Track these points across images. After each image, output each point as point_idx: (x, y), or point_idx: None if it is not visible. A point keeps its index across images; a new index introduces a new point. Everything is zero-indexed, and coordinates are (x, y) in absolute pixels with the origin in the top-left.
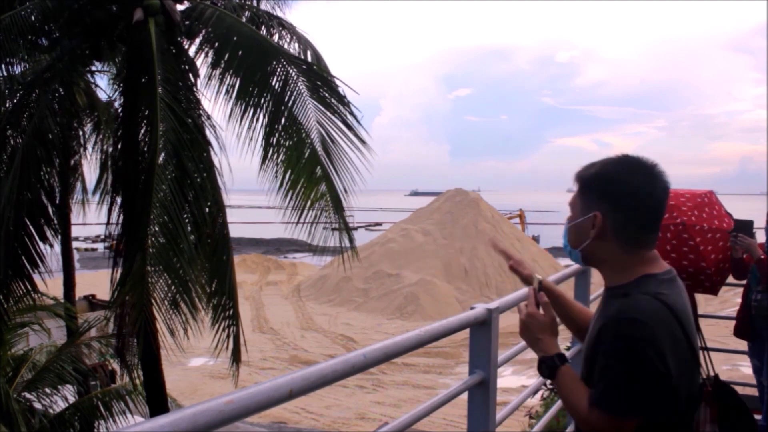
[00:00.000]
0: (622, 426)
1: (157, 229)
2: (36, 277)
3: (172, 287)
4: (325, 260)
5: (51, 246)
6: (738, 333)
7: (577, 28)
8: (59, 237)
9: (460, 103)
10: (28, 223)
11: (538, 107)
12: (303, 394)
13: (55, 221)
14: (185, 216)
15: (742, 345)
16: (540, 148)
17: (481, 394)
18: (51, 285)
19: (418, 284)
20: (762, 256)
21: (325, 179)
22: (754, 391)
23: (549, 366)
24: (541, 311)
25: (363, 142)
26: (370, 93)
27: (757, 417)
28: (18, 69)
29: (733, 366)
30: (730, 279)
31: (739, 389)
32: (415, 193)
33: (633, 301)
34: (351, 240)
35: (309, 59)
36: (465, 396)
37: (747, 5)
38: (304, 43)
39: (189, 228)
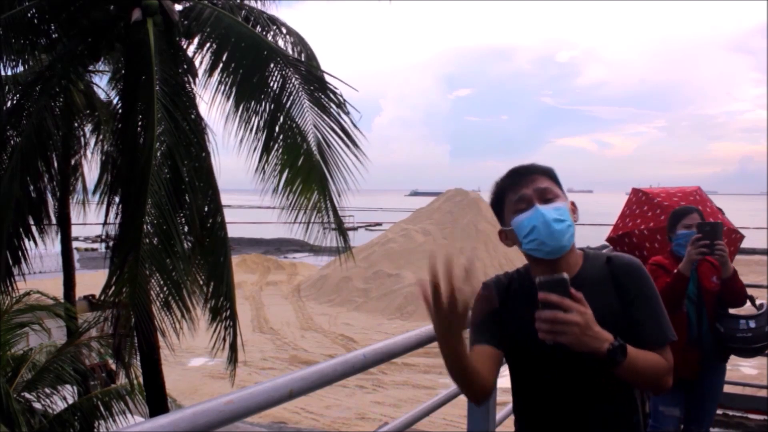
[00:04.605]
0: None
1: (150, 229)
2: (35, 277)
3: (165, 288)
4: (325, 260)
5: (36, 244)
6: (679, 384)
7: (577, 28)
8: (59, 236)
9: (461, 104)
10: (23, 223)
11: (539, 107)
12: (303, 394)
13: (48, 221)
14: (180, 216)
15: None
16: (540, 149)
17: None
18: (51, 285)
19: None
20: (734, 270)
21: (321, 180)
22: (754, 392)
23: (620, 347)
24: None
25: (356, 145)
26: (370, 93)
27: (758, 417)
28: (18, 69)
29: (733, 366)
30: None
31: (739, 389)
32: (415, 193)
33: (623, 256)
34: (346, 240)
35: (302, 58)
36: (465, 396)
37: (747, 5)
38: (298, 42)
39: (185, 228)
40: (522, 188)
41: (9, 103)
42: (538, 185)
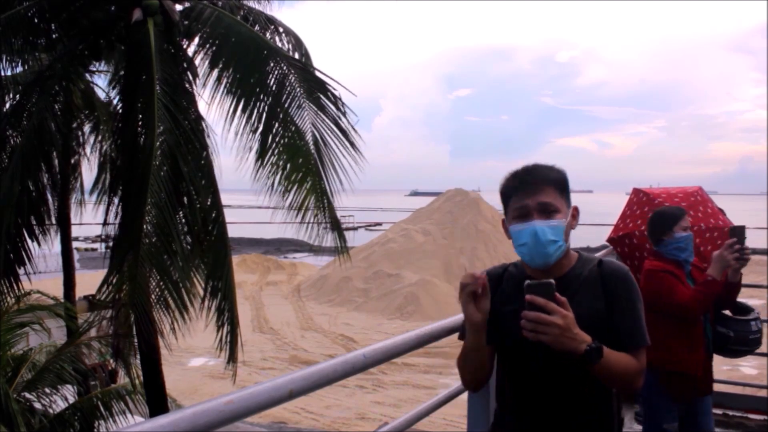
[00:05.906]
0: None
1: (150, 229)
2: (34, 277)
3: (163, 288)
4: (325, 260)
5: (39, 245)
6: (695, 391)
7: (577, 28)
8: (59, 236)
9: (461, 103)
10: (22, 223)
11: (539, 107)
12: (303, 394)
13: (49, 221)
14: (180, 216)
15: None
16: (540, 149)
17: (481, 394)
18: (51, 285)
19: (418, 284)
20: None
21: (319, 180)
22: (754, 392)
23: (596, 349)
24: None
25: (355, 147)
26: (370, 93)
27: (758, 417)
28: (18, 69)
29: (733, 366)
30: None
31: (739, 389)
32: (415, 193)
33: (613, 261)
34: (343, 240)
35: (298, 57)
36: (465, 396)
37: (747, 5)
38: (294, 41)
39: (185, 229)
40: (525, 198)
41: (9, 103)
42: (542, 198)
